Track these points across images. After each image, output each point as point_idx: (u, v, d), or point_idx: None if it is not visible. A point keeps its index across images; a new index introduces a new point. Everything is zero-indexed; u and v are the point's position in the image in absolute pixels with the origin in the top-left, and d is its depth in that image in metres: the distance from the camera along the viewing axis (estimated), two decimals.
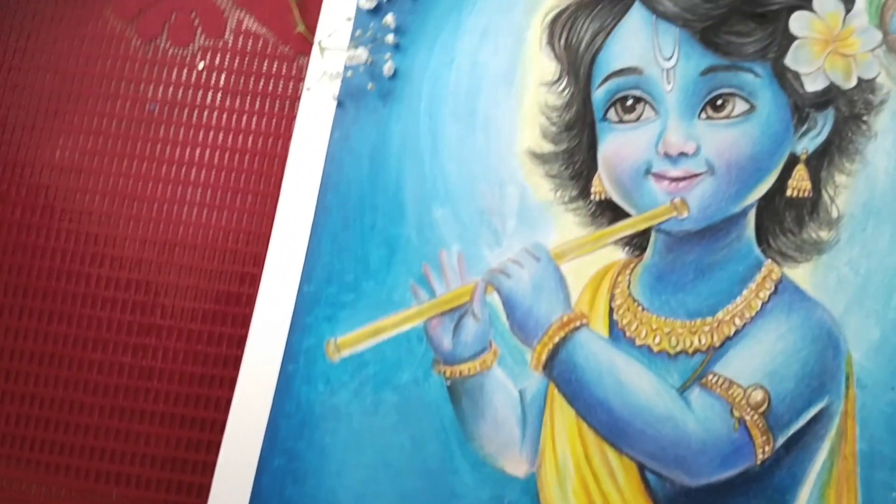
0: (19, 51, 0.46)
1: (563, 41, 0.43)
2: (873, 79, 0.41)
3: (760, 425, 0.39)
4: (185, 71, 0.45)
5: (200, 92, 0.45)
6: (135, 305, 0.43)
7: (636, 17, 0.42)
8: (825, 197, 0.41)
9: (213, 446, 0.40)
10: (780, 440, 0.39)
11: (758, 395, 0.39)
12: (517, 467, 0.40)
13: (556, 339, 0.40)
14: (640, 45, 0.42)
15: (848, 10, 0.41)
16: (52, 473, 0.42)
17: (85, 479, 0.42)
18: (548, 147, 0.43)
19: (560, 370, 0.40)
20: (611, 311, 0.41)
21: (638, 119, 0.41)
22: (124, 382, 0.42)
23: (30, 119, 0.45)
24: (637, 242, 0.42)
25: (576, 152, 0.42)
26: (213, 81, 0.45)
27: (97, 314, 0.43)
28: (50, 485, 0.42)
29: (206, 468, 0.41)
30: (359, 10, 0.43)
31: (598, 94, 0.42)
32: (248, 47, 0.45)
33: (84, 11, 0.46)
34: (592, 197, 0.42)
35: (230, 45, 0.45)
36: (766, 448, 0.38)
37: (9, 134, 0.45)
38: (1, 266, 0.44)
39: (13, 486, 0.42)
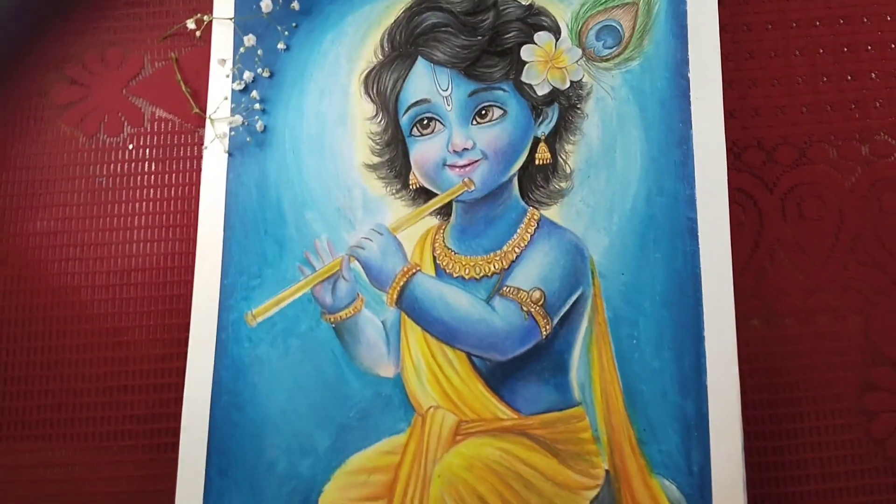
0: (3, 158, 0.61)
1: (374, 89, 0.58)
2: (580, 80, 0.57)
3: (542, 313, 0.53)
4: (120, 152, 0.60)
5: (133, 164, 0.60)
6: (111, 316, 0.58)
7: (421, 67, 0.57)
8: (560, 161, 0.56)
9: (179, 401, 0.54)
10: (556, 320, 0.53)
11: (536, 294, 0.54)
12: (387, 371, 0.54)
13: (402, 283, 0.54)
14: (426, 84, 0.57)
15: (557, 38, 0.57)
16: (67, 440, 0.56)
17: (92, 439, 0.57)
18: (376, 160, 0.57)
19: (407, 303, 0.55)
20: (434, 258, 0.56)
21: (432, 132, 0.56)
22: (114, 369, 0.57)
23: (16, 202, 0.60)
24: (444, 211, 0.56)
25: (395, 160, 0.57)
26: (140, 155, 0.60)
27: (83, 327, 0.58)
28: (67, 448, 0.57)
29: (175, 416, 0.54)
30: (233, 91, 0.59)
31: (404, 120, 0.57)
32: (161, 129, 0.60)
33: (44, 125, 0.61)
34: (411, 187, 0.56)
35: (148, 129, 0.60)
36: (547, 327, 0.53)
37: (3, 214, 0.60)
38: (12, 302, 0.59)
39: (34, 454, 0.57)
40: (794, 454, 0.54)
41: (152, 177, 0.60)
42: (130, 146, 0.61)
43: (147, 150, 0.61)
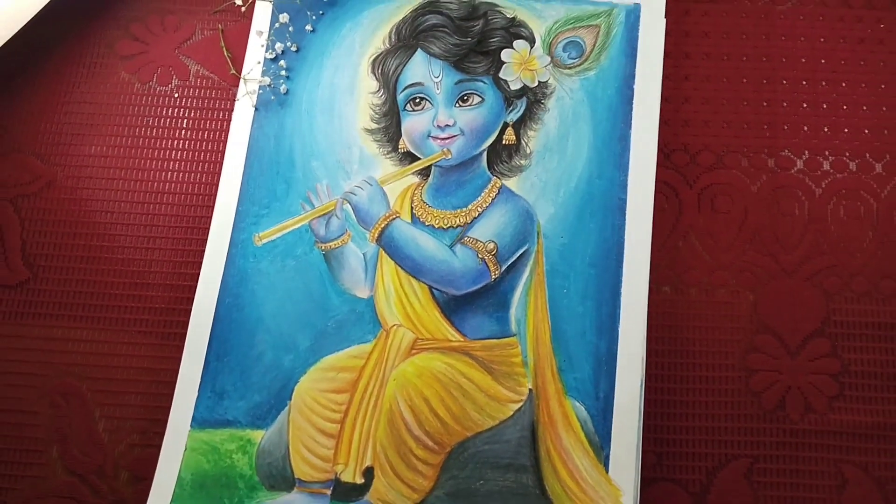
0: (71, 94, 0.73)
1: (380, 70, 0.69)
2: (546, 81, 0.68)
3: (493, 261, 0.64)
4: (167, 99, 0.72)
5: (177, 110, 0.71)
6: (143, 227, 0.69)
7: (419, 56, 0.69)
8: (523, 143, 0.67)
9: (190, 300, 0.66)
10: (504, 267, 0.63)
11: (491, 245, 0.64)
12: (363, 293, 0.64)
13: (383, 225, 0.65)
14: (422, 70, 0.68)
15: (532, 46, 0.69)
16: (95, 322, 0.68)
17: (115, 323, 0.68)
18: (374, 126, 0.68)
19: (385, 241, 0.66)
20: (412, 209, 0.66)
21: (422, 109, 0.67)
22: (141, 269, 0.68)
23: (77, 129, 0.72)
24: (425, 172, 0.66)
25: (390, 128, 0.68)
26: (184, 103, 0.72)
27: (119, 233, 0.69)
28: (94, 328, 0.68)
29: (186, 312, 0.64)
30: (265, 58, 0.71)
31: (401, 97, 0.68)
32: (203, 83, 0.72)
33: (108, 70, 0.73)
34: (399, 150, 0.67)
35: (192, 83, 0.72)
36: (497, 272, 0.63)
37: (65, 138, 0.72)
38: (64, 207, 0.70)
39: (66, 330, 0.68)
40: (684, 395, 0.65)
41: (191, 121, 0.71)
42: (176, 95, 0.72)
43: (189, 100, 0.72)
